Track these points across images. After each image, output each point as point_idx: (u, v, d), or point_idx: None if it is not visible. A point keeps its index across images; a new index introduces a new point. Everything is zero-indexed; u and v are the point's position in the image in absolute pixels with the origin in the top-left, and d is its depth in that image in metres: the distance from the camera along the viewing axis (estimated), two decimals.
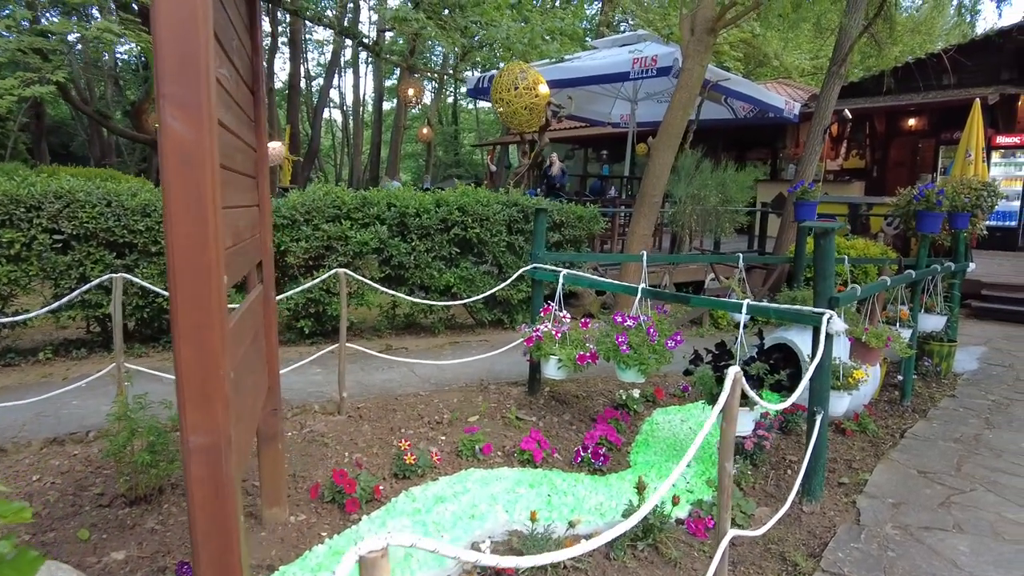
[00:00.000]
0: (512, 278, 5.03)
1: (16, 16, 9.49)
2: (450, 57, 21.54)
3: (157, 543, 2.83)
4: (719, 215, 8.18)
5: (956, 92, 12.99)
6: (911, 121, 14.93)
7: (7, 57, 8.93)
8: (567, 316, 4.30)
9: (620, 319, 3.84)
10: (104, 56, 22.24)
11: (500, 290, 5.64)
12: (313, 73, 35.80)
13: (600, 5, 24.94)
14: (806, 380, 3.07)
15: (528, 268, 4.64)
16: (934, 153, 14.29)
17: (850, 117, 12.22)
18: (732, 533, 2.22)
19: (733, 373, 2.06)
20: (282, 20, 23.74)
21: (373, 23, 27.60)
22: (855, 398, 3.88)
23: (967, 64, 12.54)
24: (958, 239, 6.04)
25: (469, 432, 3.85)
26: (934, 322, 5.49)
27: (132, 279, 4.20)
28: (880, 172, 15.37)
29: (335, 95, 36.76)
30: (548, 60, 10.70)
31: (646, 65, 8.75)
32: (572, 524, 2.92)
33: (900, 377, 5.30)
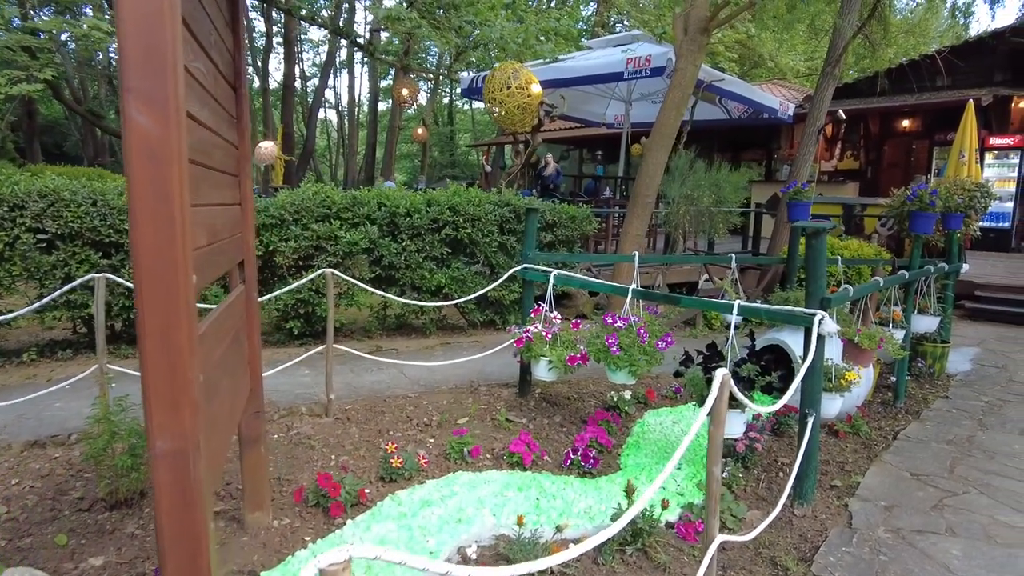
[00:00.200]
0: (502, 279, 4.99)
1: (5, 14, 9.41)
2: (445, 57, 21.49)
3: (136, 548, 2.78)
4: (712, 216, 8.15)
5: (950, 93, 13.01)
6: (905, 122, 14.95)
7: None
8: (557, 317, 4.26)
9: (611, 320, 3.80)
10: (98, 55, 22.12)
11: (490, 291, 5.60)
12: (309, 73, 35.72)
13: (595, 6, 24.96)
14: (797, 381, 3.03)
15: (518, 268, 4.59)
16: (928, 154, 14.31)
17: (844, 118, 12.23)
18: (720, 539, 2.18)
19: (720, 376, 2.02)
20: (277, 20, 23.67)
21: (369, 23, 27.54)
22: (847, 400, 3.84)
23: (961, 65, 12.56)
24: (951, 240, 6.02)
25: (458, 434, 3.80)
26: (927, 323, 5.47)
27: (116, 279, 4.14)
28: (874, 173, 15.38)
29: (331, 95, 36.71)
30: (542, 60, 10.67)
31: (640, 65, 8.72)
32: (560, 528, 2.88)
33: (893, 378, 5.28)
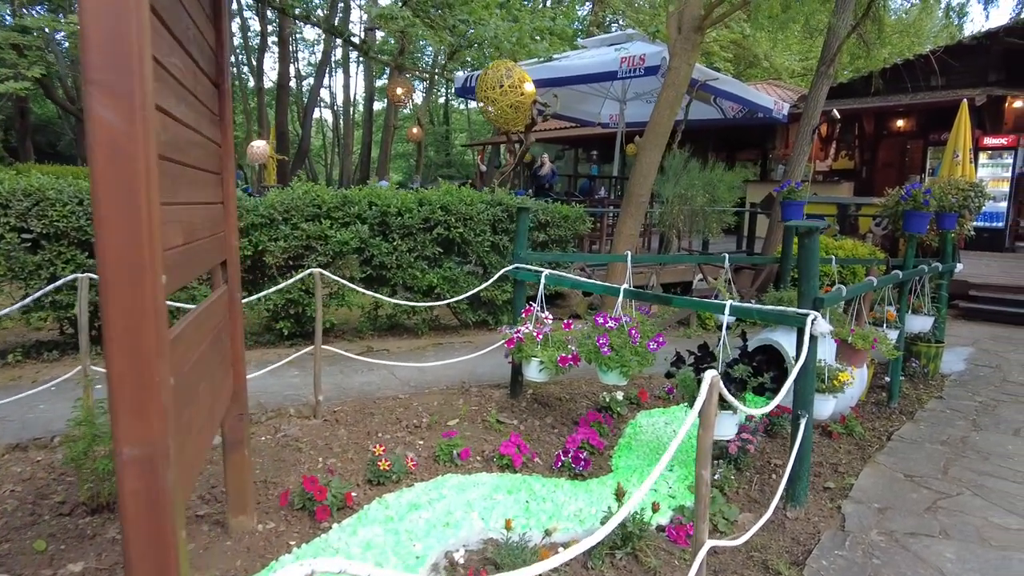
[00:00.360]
0: (494, 278, 4.94)
1: None
2: (440, 56, 21.45)
3: (116, 554, 2.72)
4: (706, 215, 8.12)
5: (944, 93, 13.01)
6: (899, 122, 14.96)
7: None
8: (549, 317, 4.21)
9: (602, 320, 3.76)
10: None
11: (482, 291, 5.56)
12: (304, 73, 35.63)
13: (591, 5, 24.93)
14: (790, 383, 3.00)
15: (510, 268, 4.55)
16: (922, 154, 14.32)
17: (839, 117, 12.21)
18: (710, 544, 2.14)
19: (710, 378, 1.97)
20: (272, 19, 23.57)
21: (364, 22, 27.47)
22: (841, 400, 3.81)
23: (955, 65, 12.57)
24: (945, 239, 6.00)
25: (447, 436, 3.75)
26: (921, 323, 5.44)
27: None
28: (869, 173, 15.39)
29: (326, 95, 36.60)
30: (537, 59, 10.62)
31: (634, 64, 8.68)
32: (548, 532, 2.83)
33: (887, 378, 5.25)
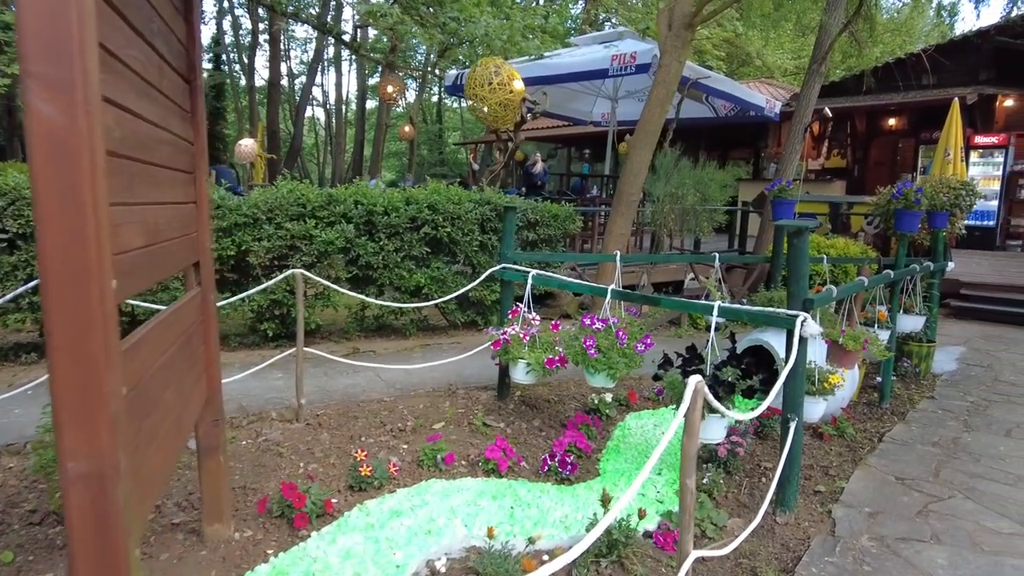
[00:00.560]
0: (480, 278, 4.86)
1: None
2: (432, 55, 21.32)
3: None
4: (697, 214, 8.06)
5: (935, 92, 13.02)
6: (891, 120, 14.96)
7: None
8: (536, 318, 4.14)
9: (589, 322, 3.69)
10: None
11: (469, 291, 5.48)
12: (296, 71, 35.42)
13: (583, 3, 24.84)
14: (779, 386, 2.94)
15: (497, 268, 4.47)
16: (914, 152, 14.32)
17: (831, 116, 12.19)
18: (696, 554, 2.07)
19: (693, 384, 1.91)
20: (263, 17, 23.39)
21: (357, 20, 27.30)
22: (832, 402, 3.76)
23: (946, 64, 12.58)
24: (937, 238, 5.96)
25: (432, 440, 3.67)
26: (913, 323, 5.40)
27: None
28: (861, 171, 15.39)
29: (318, 93, 36.42)
30: (528, 57, 10.54)
31: (625, 62, 8.61)
32: (532, 540, 2.76)
33: (879, 378, 5.21)
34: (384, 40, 19.39)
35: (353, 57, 29.52)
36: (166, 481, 2.15)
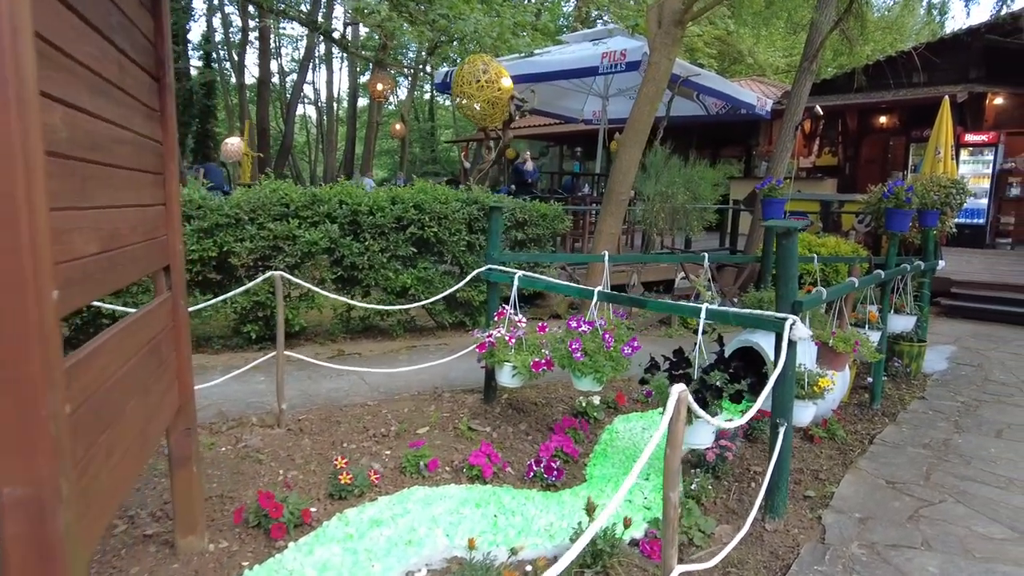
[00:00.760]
0: (465, 280, 4.77)
1: None
2: (423, 52, 21.18)
3: None
4: (687, 213, 8.00)
5: (926, 90, 13.02)
6: (882, 118, 14.96)
7: None
8: (522, 320, 4.06)
9: (575, 324, 3.62)
10: None
11: (455, 292, 5.39)
12: (288, 68, 35.16)
13: (575, 1, 24.75)
14: (767, 390, 2.87)
15: (482, 269, 4.39)
16: (905, 150, 14.33)
17: (822, 114, 12.17)
18: (680, 569, 2.00)
19: (677, 392, 1.83)
20: (253, 14, 23.17)
21: (347, 17, 27.09)
22: (822, 405, 3.69)
23: (937, 62, 12.58)
24: (928, 237, 5.92)
25: (415, 446, 3.59)
26: (904, 323, 5.36)
27: None
28: (852, 169, 15.39)
29: (310, 91, 36.17)
30: (517, 54, 10.46)
31: (615, 60, 8.54)
32: (515, 551, 2.69)
33: (870, 379, 5.16)
34: (376, 38, 19.24)
35: (344, 55, 29.32)
36: (126, 495, 2.06)
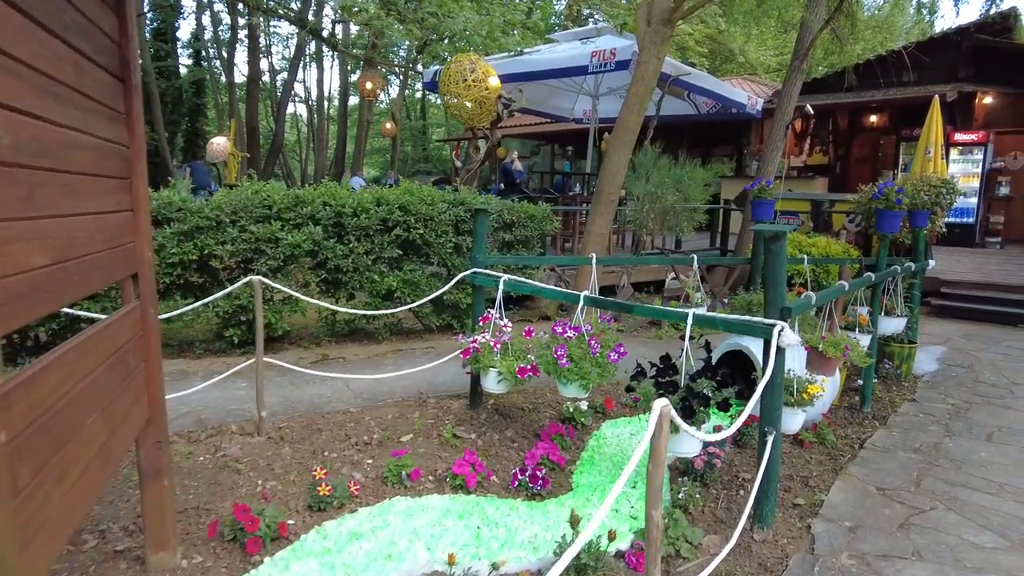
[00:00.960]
0: (450, 284, 4.69)
1: None
2: (413, 51, 21.07)
3: None
4: (677, 213, 7.95)
5: (916, 89, 13.02)
6: (873, 117, 14.96)
7: None
8: (508, 325, 3.99)
9: (560, 330, 3.55)
10: None
11: (440, 295, 5.30)
12: (278, 67, 34.90)
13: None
14: (755, 398, 2.81)
15: (467, 273, 4.31)
16: (895, 149, 14.34)
17: (812, 113, 12.14)
18: None
19: (659, 408, 1.77)
20: (243, 12, 22.95)
21: (338, 15, 26.90)
22: (812, 411, 3.65)
23: (926, 61, 12.56)
24: (918, 238, 5.88)
25: (397, 455, 3.51)
26: (894, 325, 5.32)
27: None
28: (843, 168, 15.39)
29: (301, 89, 35.89)
30: (507, 53, 10.37)
31: (605, 59, 8.47)
32: (496, 566, 2.62)
33: (861, 381, 5.12)
34: (365, 36, 19.09)
35: (335, 53, 29.14)
36: (84, 515, 1.97)
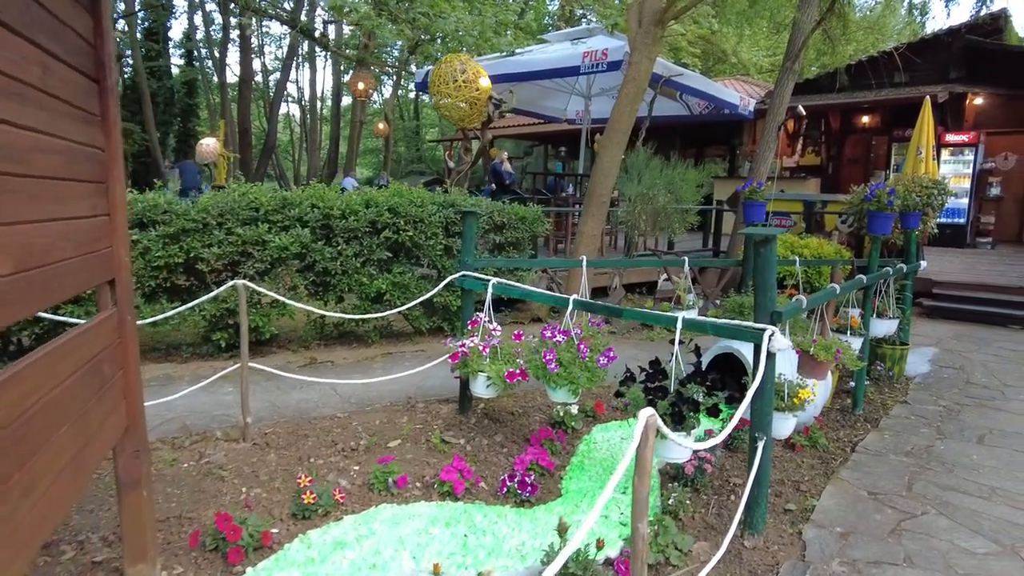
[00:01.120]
0: (439, 287, 4.64)
1: None
2: (406, 51, 20.99)
3: None
4: (669, 214, 7.92)
5: (908, 90, 13.05)
6: (865, 118, 14.99)
7: None
8: (497, 329, 3.95)
9: (549, 334, 3.51)
10: None
11: (430, 299, 5.25)
12: (271, 67, 34.78)
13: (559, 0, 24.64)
14: (746, 403, 2.78)
15: (456, 276, 4.27)
16: (887, 150, 14.37)
17: (805, 114, 12.16)
18: None
19: (644, 418, 1.72)
20: (235, 11, 22.81)
21: (330, 15, 26.79)
22: (803, 415, 3.62)
23: (918, 62, 12.59)
24: (910, 239, 5.87)
25: (384, 462, 3.46)
26: (886, 327, 5.30)
27: None
28: (835, 169, 15.42)
29: (293, 89, 35.77)
30: (499, 54, 10.33)
31: (596, 59, 8.44)
32: None
33: (853, 383, 5.10)
34: (358, 36, 19.01)
35: (327, 53, 29.02)
36: (54, 527, 1.92)
